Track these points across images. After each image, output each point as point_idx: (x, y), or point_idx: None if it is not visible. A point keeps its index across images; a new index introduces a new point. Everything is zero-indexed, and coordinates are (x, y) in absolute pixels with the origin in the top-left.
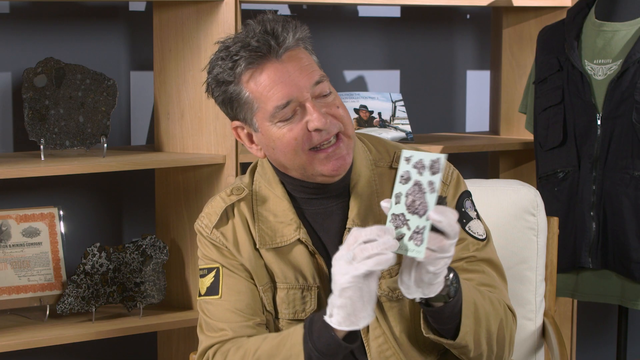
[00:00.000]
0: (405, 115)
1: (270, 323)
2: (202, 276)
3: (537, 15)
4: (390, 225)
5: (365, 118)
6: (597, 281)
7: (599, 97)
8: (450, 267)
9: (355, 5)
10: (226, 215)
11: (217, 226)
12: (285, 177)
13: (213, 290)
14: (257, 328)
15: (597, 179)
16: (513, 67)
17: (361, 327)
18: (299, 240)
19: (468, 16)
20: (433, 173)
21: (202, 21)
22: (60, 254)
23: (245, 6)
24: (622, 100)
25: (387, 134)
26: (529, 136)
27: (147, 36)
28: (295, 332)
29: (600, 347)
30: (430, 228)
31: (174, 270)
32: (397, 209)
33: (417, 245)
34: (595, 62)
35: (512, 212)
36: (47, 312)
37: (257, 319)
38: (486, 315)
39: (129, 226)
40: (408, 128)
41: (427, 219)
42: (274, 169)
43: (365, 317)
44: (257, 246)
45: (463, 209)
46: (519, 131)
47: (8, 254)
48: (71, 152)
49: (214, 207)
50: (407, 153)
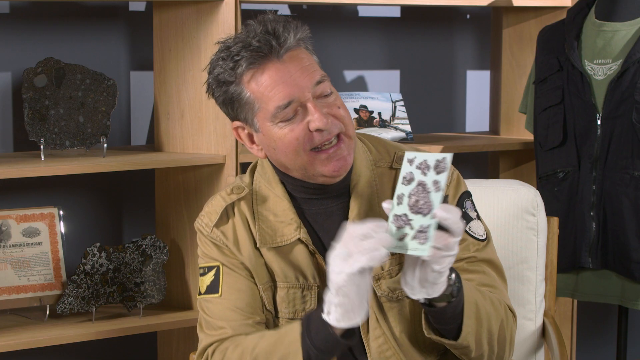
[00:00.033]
0: (405, 115)
1: (269, 322)
2: (202, 275)
3: (537, 15)
4: (392, 226)
5: (365, 118)
6: (597, 281)
7: (599, 97)
8: (452, 268)
9: (355, 5)
10: (226, 214)
11: (218, 225)
12: (285, 177)
13: (213, 288)
14: (257, 327)
15: (597, 179)
16: (513, 67)
17: (360, 323)
18: (299, 240)
19: (468, 16)
20: (438, 172)
21: (202, 21)
22: (60, 254)
23: (245, 6)
24: (622, 100)
25: (387, 134)
26: (529, 136)
27: (147, 36)
28: (293, 329)
29: (600, 347)
30: (435, 226)
31: (174, 270)
32: (399, 209)
33: (422, 243)
34: (595, 62)
35: (512, 212)
36: (47, 312)
37: (257, 318)
38: (487, 316)
39: (129, 226)
40: (408, 128)
41: (432, 217)
42: (274, 168)
43: (362, 312)
44: (258, 245)
45: (463, 210)
46: (519, 131)
47: (8, 254)
48: (71, 152)
49: (214, 205)
50: (410, 155)
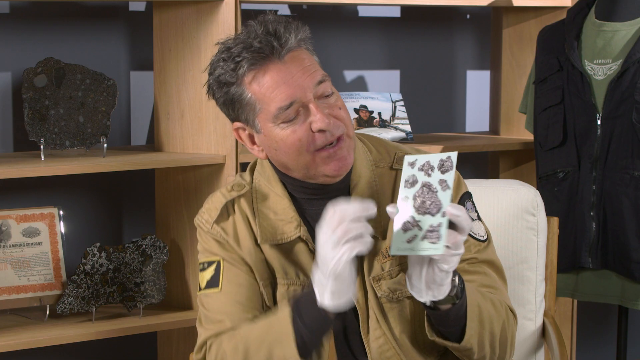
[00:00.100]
0: (405, 115)
1: None
2: (202, 270)
3: (537, 15)
4: (399, 230)
5: (365, 118)
6: (597, 281)
7: (599, 97)
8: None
9: (355, 5)
10: (227, 210)
11: (218, 221)
12: (285, 178)
13: (213, 282)
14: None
15: (597, 179)
16: (513, 67)
17: (352, 299)
18: (300, 238)
19: (468, 16)
20: (444, 172)
21: (202, 21)
22: (60, 254)
23: (245, 6)
24: (622, 100)
25: (387, 134)
26: (529, 136)
27: (147, 36)
28: (283, 314)
29: (600, 347)
30: (447, 225)
31: (174, 270)
32: (405, 212)
33: (434, 243)
34: (595, 62)
35: (512, 212)
36: (47, 312)
37: (257, 313)
38: (489, 318)
39: (129, 226)
40: (408, 128)
41: (443, 216)
42: (274, 168)
43: (353, 288)
44: (259, 241)
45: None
46: (519, 131)
47: (8, 254)
48: (71, 152)
49: (214, 202)
50: (410, 158)
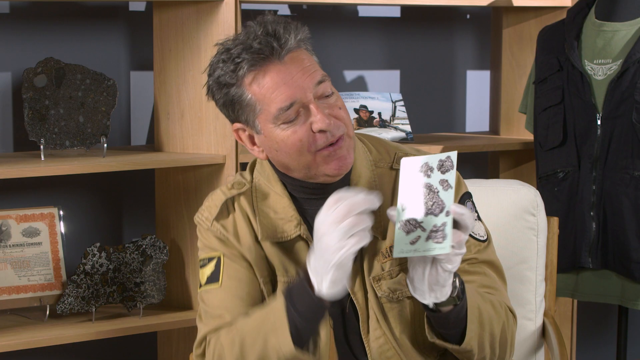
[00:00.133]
0: (405, 115)
1: None
2: (203, 266)
3: (537, 15)
4: (401, 232)
5: (365, 118)
6: (597, 281)
7: (599, 97)
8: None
9: (355, 5)
10: (227, 208)
11: (218, 218)
12: (285, 178)
13: (213, 278)
14: None
15: (597, 179)
16: (513, 67)
17: (346, 286)
18: (300, 237)
19: (468, 16)
20: (444, 171)
21: (202, 21)
22: (60, 254)
23: (245, 6)
24: (622, 100)
25: (387, 134)
26: (529, 136)
27: (147, 36)
28: (276, 304)
29: (600, 347)
30: (451, 224)
31: (174, 270)
32: (406, 214)
33: (439, 242)
34: (595, 62)
35: (512, 212)
36: (47, 312)
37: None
38: (489, 319)
39: (129, 226)
40: (408, 128)
41: (447, 215)
42: (273, 168)
43: (349, 275)
44: (260, 238)
45: None
46: (519, 131)
47: (8, 254)
48: (71, 152)
49: (214, 200)
50: (407, 159)
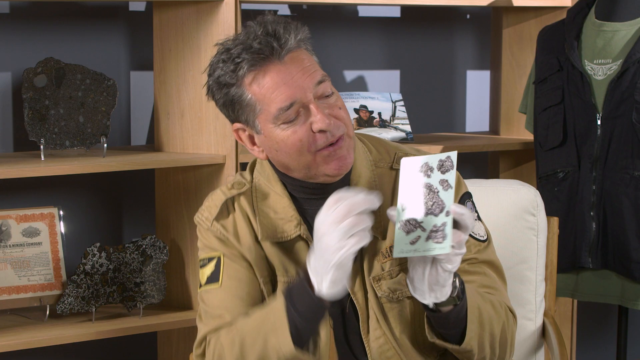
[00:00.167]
0: (405, 115)
1: None
2: (203, 266)
3: (537, 15)
4: (401, 232)
5: (365, 118)
6: (597, 281)
7: (599, 97)
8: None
9: (355, 5)
10: (226, 208)
11: (218, 218)
12: (285, 178)
13: (213, 278)
14: None
15: (597, 179)
16: (513, 67)
17: (348, 288)
18: (300, 237)
19: (468, 16)
20: (444, 171)
21: (202, 21)
22: (60, 254)
23: (245, 6)
24: (622, 100)
25: (387, 134)
26: (529, 136)
27: (147, 36)
28: (276, 304)
29: (600, 347)
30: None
31: (174, 270)
32: (406, 214)
33: (439, 242)
34: (595, 62)
35: (512, 212)
36: (47, 312)
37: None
38: (489, 319)
39: (129, 226)
40: (408, 128)
41: (447, 215)
42: (273, 168)
43: (349, 274)
44: (260, 238)
45: None
46: (519, 131)
47: (8, 254)
48: (71, 152)
49: (214, 199)
50: (407, 160)
